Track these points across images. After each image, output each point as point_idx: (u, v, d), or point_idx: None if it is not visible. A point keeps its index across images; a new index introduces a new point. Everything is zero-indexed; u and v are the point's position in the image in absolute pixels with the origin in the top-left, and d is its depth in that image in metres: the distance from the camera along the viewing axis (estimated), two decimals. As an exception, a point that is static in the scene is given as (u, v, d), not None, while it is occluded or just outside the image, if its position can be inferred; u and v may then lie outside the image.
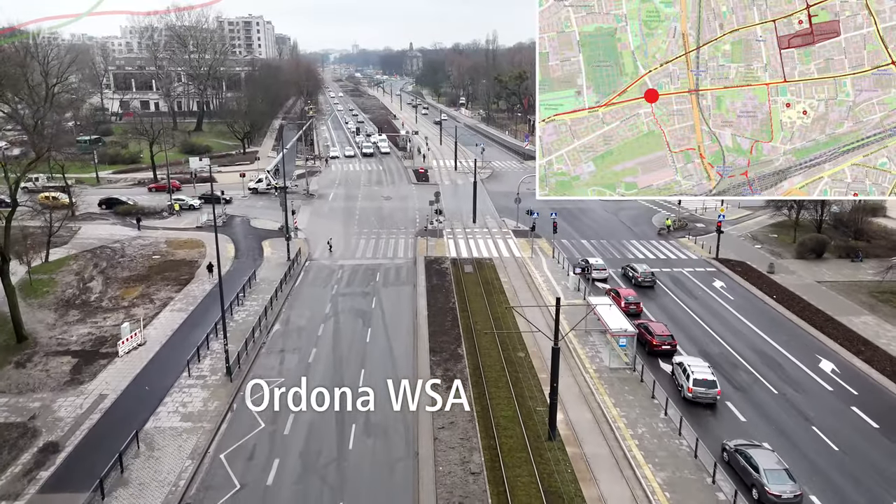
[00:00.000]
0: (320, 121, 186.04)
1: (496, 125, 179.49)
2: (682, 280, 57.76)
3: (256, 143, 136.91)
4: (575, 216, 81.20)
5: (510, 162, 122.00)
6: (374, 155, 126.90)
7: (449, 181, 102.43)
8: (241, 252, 65.17)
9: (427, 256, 63.28)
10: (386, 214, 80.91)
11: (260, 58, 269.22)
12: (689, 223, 76.61)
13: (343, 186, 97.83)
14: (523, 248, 66.24)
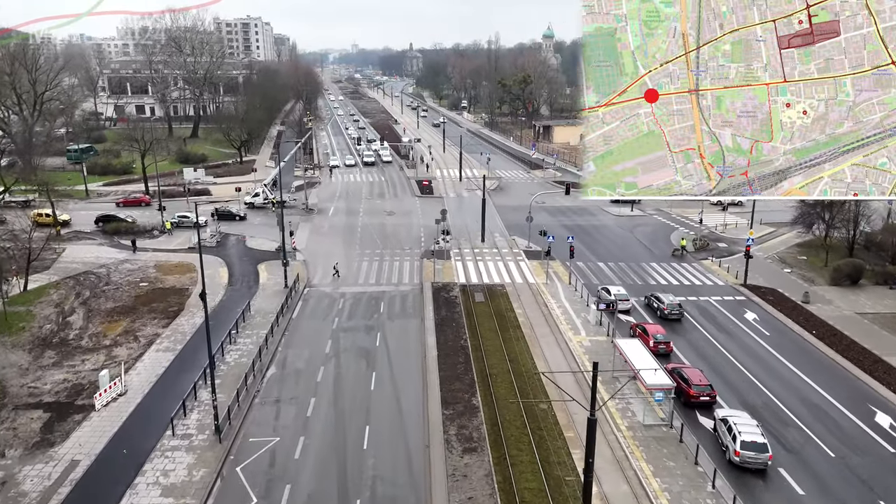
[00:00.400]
0: (319, 126, 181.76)
1: (500, 130, 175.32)
2: (711, 311, 53.53)
3: (254, 152, 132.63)
4: (588, 233, 76.99)
5: (517, 171, 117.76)
6: (376, 164, 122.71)
7: (454, 193, 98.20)
8: (235, 278, 60.90)
9: (434, 283, 59.04)
10: (390, 232, 76.67)
11: (258, 60, 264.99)
12: (710, 242, 72.38)
13: (344, 200, 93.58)
14: (537, 273, 61.99)
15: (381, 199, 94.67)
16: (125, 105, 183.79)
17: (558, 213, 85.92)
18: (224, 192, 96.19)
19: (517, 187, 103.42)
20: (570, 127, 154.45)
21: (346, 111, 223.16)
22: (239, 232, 76.06)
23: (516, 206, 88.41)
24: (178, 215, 77.50)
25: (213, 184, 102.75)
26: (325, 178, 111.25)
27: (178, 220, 76.62)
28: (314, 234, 76.06)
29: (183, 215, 77.37)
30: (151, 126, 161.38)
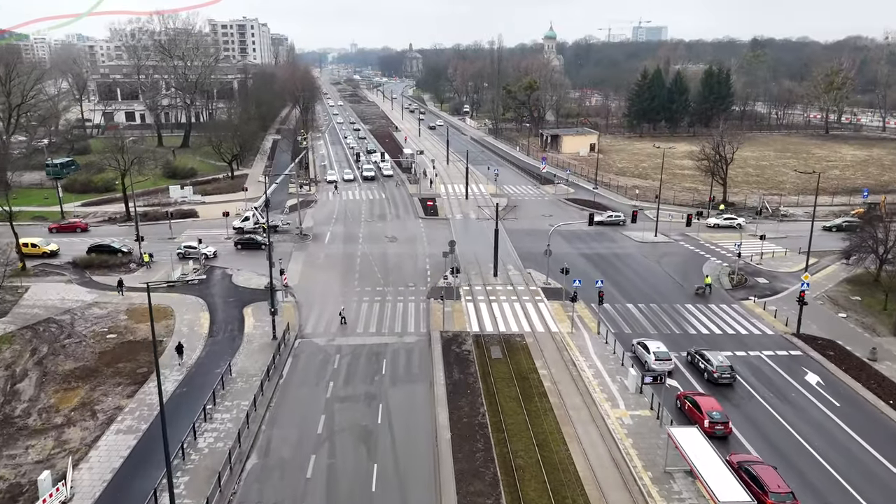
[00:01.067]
0: (317, 135, 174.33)
1: (504, 138, 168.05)
2: (765, 371, 46.30)
3: (247, 164, 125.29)
4: (611, 264, 69.75)
5: (526, 187, 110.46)
6: (376, 178, 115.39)
7: (461, 215, 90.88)
8: (217, 326, 53.62)
9: (444, 332, 51.80)
10: (392, 264, 69.40)
11: (254, 63, 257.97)
12: (748, 277, 65.10)
13: (341, 222, 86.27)
14: (559, 318, 54.74)
15: (383, 221, 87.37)
16: (114, 112, 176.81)
17: (575, 239, 78.68)
18: (213, 212, 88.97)
19: (528, 206, 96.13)
20: (579, 136, 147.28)
21: (345, 118, 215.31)
22: (226, 264, 68.74)
23: (529, 231, 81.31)
24: (184, 246, 70.40)
25: (202, 203, 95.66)
26: (322, 194, 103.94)
27: (185, 252, 69.63)
28: (308, 266, 68.75)
29: (190, 246, 70.17)
30: (141, 136, 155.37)
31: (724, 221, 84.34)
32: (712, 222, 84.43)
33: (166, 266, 66.22)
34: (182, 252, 69.65)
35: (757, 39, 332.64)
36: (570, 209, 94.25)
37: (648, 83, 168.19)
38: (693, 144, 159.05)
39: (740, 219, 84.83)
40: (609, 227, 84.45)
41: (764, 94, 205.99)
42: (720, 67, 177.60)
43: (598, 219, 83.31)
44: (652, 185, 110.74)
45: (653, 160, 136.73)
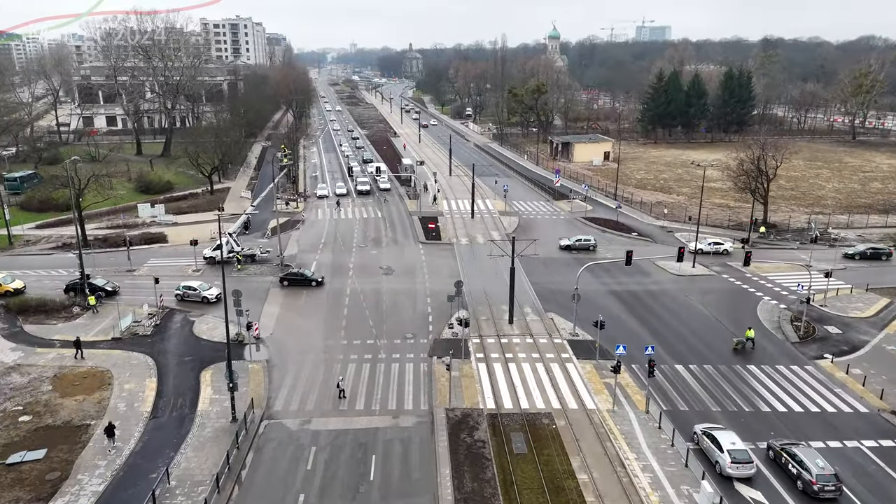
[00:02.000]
0: (311, 141, 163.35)
1: (510, 145, 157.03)
2: (873, 473, 35.29)
3: (230, 176, 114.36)
4: (645, 305, 58.75)
5: (537, 202, 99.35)
6: (371, 193, 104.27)
7: (466, 238, 79.75)
8: (164, 398, 42.63)
9: (450, 411, 40.80)
10: (387, 305, 58.37)
11: (246, 63, 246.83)
12: (815, 325, 54.03)
13: (330, 249, 75.15)
14: (595, 387, 43.75)
15: (377, 247, 76.29)
16: (94, 116, 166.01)
17: (601, 271, 67.62)
18: (185, 235, 78.08)
19: (542, 227, 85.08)
20: (592, 144, 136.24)
21: (341, 122, 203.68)
22: (189, 306, 57.67)
23: (546, 260, 70.31)
24: (183, 287, 59.01)
25: (173, 224, 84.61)
26: (311, 212, 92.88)
27: (184, 293, 58.53)
28: (287, 309, 57.67)
29: (190, 287, 58.90)
30: (120, 143, 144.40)
31: (709, 247, 73.57)
32: (694, 248, 73.86)
33: (120, 309, 55.14)
34: (181, 293, 58.36)
35: (768, 39, 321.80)
36: (590, 230, 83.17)
37: (664, 86, 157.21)
38: (713, 152, 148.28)
39: (727, 243, 74.20)
40: (581, 252, 73.65)
41: (783, 97, 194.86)
42: (740, 69, 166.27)
43: (566, 243, 74.42)
44: (678, 202, 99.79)
45: (673, 170, 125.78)
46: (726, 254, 73.00)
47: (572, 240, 75.30)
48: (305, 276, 63.34)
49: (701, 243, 74.00)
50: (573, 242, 74.80)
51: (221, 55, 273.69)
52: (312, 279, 62.72)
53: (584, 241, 75.22)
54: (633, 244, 77.30)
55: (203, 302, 57.73)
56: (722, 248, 73.67)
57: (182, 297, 58.35)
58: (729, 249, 73.55)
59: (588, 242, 75.19)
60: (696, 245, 73.33)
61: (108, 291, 59.13)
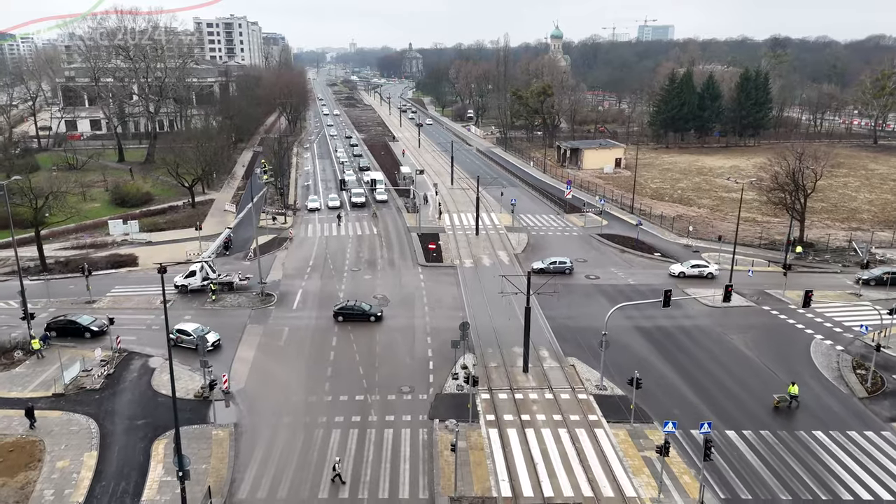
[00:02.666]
0: (304, 148, 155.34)
1: (515, 150, 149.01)
2: None
3: (216, 186, 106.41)
4: (681, 345, 50.75)
5: (547, 217, 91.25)
6: (367, 205, 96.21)
7: (471, 260, 71.67)
8: (105, 477, 34.75)
9: (456, 502, 32.81)
10: (381, 347, 50.40)
11: (240, 64, 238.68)
12: (884, 375, 46.01)
13: (318, 274, 67.08)
14: (632, 464, 35.79)
15: (372, 270, 68.25)
16: (76, 119, 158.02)
17: (622, 298, 59.64)
18: (159, 256, 70.39)
19: (553, 245, 77.11)
20: (602, 150, 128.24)
21: (338, 125, 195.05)
22: (155, 348, 49.72)
23: (560, 285, 62.17)
24: (176, 330, 49.01)
25: (147, 244, 76.65)
26: (301, 228, 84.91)
27: (177, 338, 48.65)
28: (264, 352, 49.71)
29: (183, 331, 49.41)
30: (102, 148, 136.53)
31: (690, 270, 65.98)
32: (676, 271, 66.21)
33: (71, 353, 47.14)
34: (174, 338, 47.93)
35: (777, 38, 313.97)
36: (608, 251, 75.26)
37: (677, 88, 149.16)
38: (729, 157, 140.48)
39: (713, 266, 66.46)
40: (556, 275, 65.03)
41: (799, 99, 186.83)
42: (757, 70, 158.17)
43: (539, 266, 65.99)
44: (700, 216, 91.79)
45: (689, 178, 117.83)
46: (711, 278, 65.16)
47: (546, 262, 67.00)
48: (363, 310, 54.77)
49: (683, 265, 66.40)
50: (547, 265, 66.36)
51: (215, 55, 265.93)
52: (371, 313, 54.47)
53: (559, 264, 66.72)
54: (657, 267, 69.42)
55: (196, 349, 46.23)
56: (706, 272, 65.83)
57: (175, 342, 48.18)
58: (714, 273, 65.77)
59: (564, 265, 66.75)
60: (679, 268, 66.53)
61: (95, 332, 50.95)
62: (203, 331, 49.21)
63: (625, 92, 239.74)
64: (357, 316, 54.46)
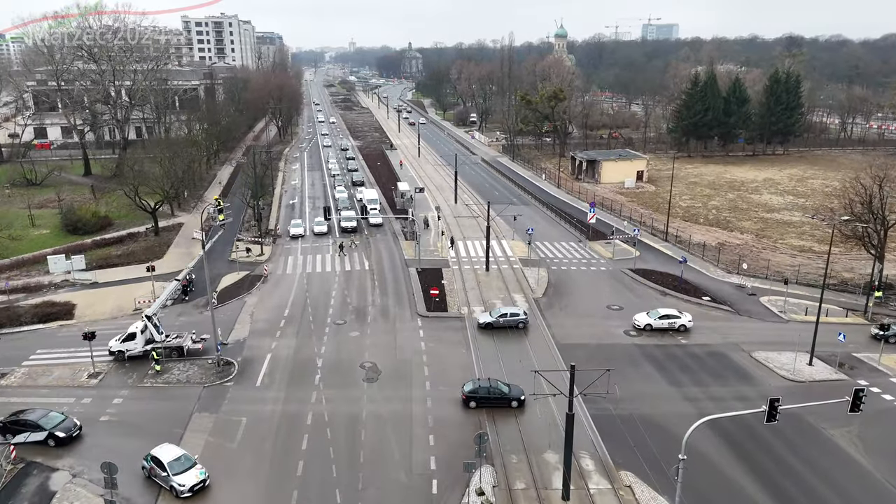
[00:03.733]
0: (293, 157, 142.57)
1: (522, 159, 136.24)
2: None
3: (188, 206, 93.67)
4: (758, 438, 38.05)
5: (567, 245, 78.40)
6: (357, 230, 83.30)
7: (481, 307, 58.64)
8: None
9: None
10: (367, 448, 37.70)
11: (228, 65, 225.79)
12: None
13: (293, 330, 54.16)
14: None
15: (361, 323, 55.36)
16: (46, 126, 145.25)
17: (675, 366, 46.97)
18: (102, 305, 58.11)
19: (580, 284, 64.36)
20: (623, 162, 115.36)
21: (333, 132, 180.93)
22: (69, 454, 37.03)
23: (596, 348, 49.66)
24: (150, 457, 34.56)
25: (91, 285, 63.90)
26: (280, 261, 72.16)
27: (150, 468, 34.40)
28: (213, 456, 36.85)
29: (157, 459, 34.19)
30: (70, 160, 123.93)
31: (658, 322, 53.46)
32: (642, 322, 53.86)
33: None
34: (146, 467, 34.42)
35: (792, 37, 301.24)
36: (646, 293, 62.52)
37: (700, 91, 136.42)
38: (759, 168, 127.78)
39: (685, 318, 53.89)
40: (509, 329, 52.91)
41: (826, 103, 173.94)
42: (788, 71, 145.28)
43: (486, 320, 53.75)
44: (745, 243, 79.01)
45: (721, 194, 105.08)
46: (683, 331, 52.81)
47: (495, 314, 54.02)
48: (501, 392, 41.97)
49: (650, 316, 53.88)
50: (496, 319, 53.48)
51: (205, 56, 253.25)
52: (511, 397, 41.84)
53: (511, 317, 53.56)
54: (709, 316, 56.67)
55: (173, 494, 33.42)
56: (678, 324, 53.33)
57: (148, 473, 34.49)
58: (686, 325, 53.33)
59: (516, 318, 53.61)
60: (645, 318, 54.02)
61: (60, 439, 37.71)
62: (186, 464, 34.59)
63: (636, 94, 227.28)
64: (494, 400, 41.69)
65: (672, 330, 53.25)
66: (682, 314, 54.38)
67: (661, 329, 53.27)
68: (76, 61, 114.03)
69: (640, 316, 54.62)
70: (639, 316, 54.66)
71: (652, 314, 54.28)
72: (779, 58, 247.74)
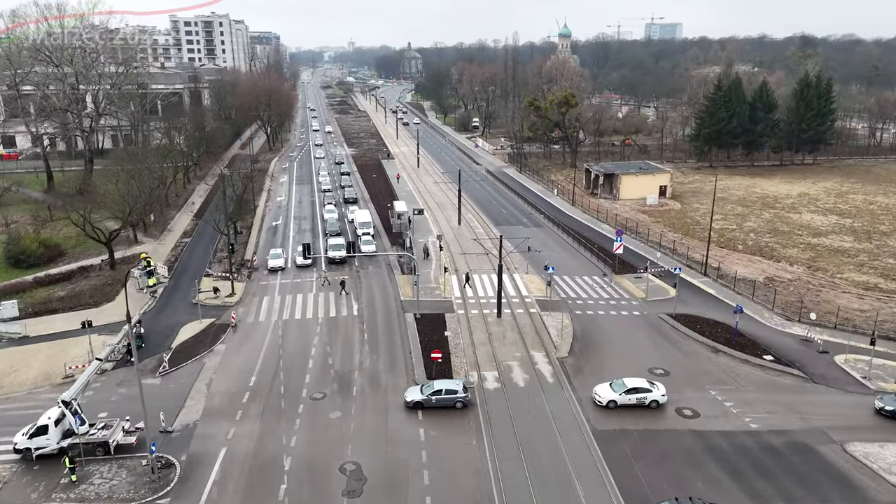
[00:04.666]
0: (282, 167, 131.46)
1: (531, 171, 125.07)
2: None
3: (154, 230, 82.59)
4: None
5: (590, 280, 67.18)
6: (346, 263, 71.94)
7: (494, 376, 47.39)
8: None
9: None
10: None
11: (218, 67, 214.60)
12: None
13: (258, 410, 42.90)
14: None
15: (344, 399, 44.11)
16: (15, 135, 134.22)
17: (747, 465, 35.95)
18: (29, 369, 47.26)
19: (612, 336, 53.17)
20: (644, 176, 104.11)
21: (328, 141, 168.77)
22: None
23: (641, 436, 38.54)
24: None
25: (21, 340, 52.79)
26: (253, 305, 61.00)
27: None
28: None
29: None
30: (35, 173, 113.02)
31: (625, 398, 42.43)
32: (604, 397, 42.76)
33: None
34: None
35: (806, 37, 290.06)
36: (694, 350, 51.37)
37: (724, 96, 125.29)
38: (789, 180, 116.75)
39: (658, 391, 42.82)
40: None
41: (854, 107, 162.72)
42: (818, 74, 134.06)
43: (415, 397, 44.34)
44: (796, 277, 67.78)
45: (756, 213, 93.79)
46: (655, 407, 42.11)
47: (426, 392, 42.56)
48: None
49: (614, 389, 42.91)
50: (427, 397, 42.21)
51: (194, 57, 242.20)
52: None
53: (446, 395, 42.19)
54: (777, 386, 45.52)
55: None
56: (649, 400, 42.38)
57: None
58: (659, 400, 42.51)
59: (454, 396, 42.16)
60: (608, 393, 43.05)
61: None
62: None
63: (645, 96, 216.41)
64: None
65: (642, 407, 42.20)
66: (654, 386, 43.14)
67: (629, 406, 42.19)
68: (37, 65, 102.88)
69: (601, 389, 43.47)
70: (600, 388, 43.52)
71: (616, 386, 43.12)
72: (793, 58, 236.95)
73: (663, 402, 42.74)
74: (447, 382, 43.61)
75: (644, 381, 43.77)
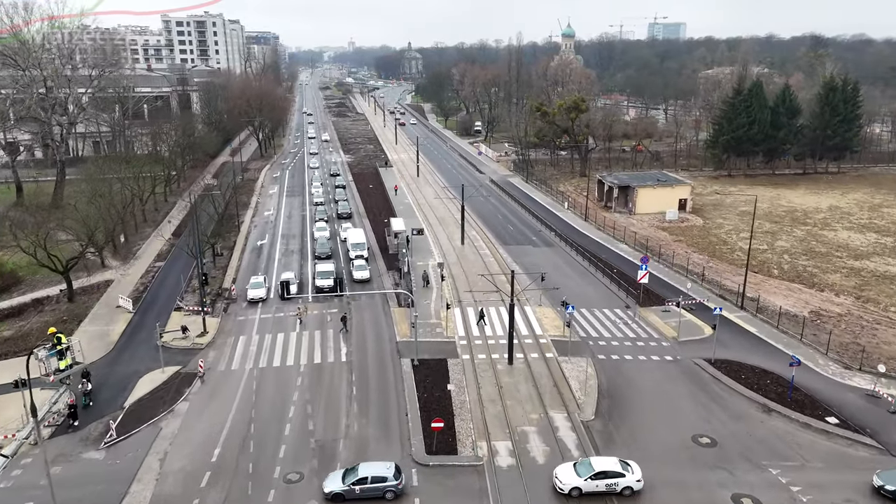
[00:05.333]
0: (273, 177, 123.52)
1: (537, 181, 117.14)
2: None
3: (124, 253, 74.59)
4: None
5: (613, 314, 59.14)
6: (336, 289, 63.85)
7: (506, 447, 39.45)
8: None
9: None
10: None
11: (210, 69, 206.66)
12: None
13: (219, 497, 35.08)
14: None
15: (324, 478, 36.27)
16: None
17: None
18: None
19: (645, 397, 45.05)
20: (661, 188, 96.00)
21: (323, 149, 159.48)
22: None
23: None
24: None
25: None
26: (226, 344, 53.05)
27: None
28: None
29: None
30: (6, 183, 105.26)
31: (590, 484, 34.36)
32: (566, 484, 34.62)
33: None
34: None
35: (817, 37, 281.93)
36: (743, 410, 43.33)
37: (744, 101, 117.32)
38: (814, 190, 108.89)
39: (633, 475, 34.69)
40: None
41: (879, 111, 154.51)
42: (844, 78, 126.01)
43: (334, 488, 35.81)
44: (845, 308, 59.75)
45: (787, 230, 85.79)
46: (629, 495, 34.32)
47: (346, 482, 34.35)
48: None
49: (578, 473, 34.92)
50: (348, 487, 34.06)
51: (186, 58, 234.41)
52: None
53: (372, 484, 34.12)
54: (845, 456, 37.56)
55: None
56: (621, 486, 34.39)
57: None
58: (634, 487, 34.47)
59: (382, 486, 34.11)
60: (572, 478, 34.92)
61: None
62: None
63: (652, 98, 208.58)
64: None
65: (612, 494, 34.27)
66: (627, 469, 35.05)
67: (594, 493, 34.22)
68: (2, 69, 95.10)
69: (562, 471, 35.38)
70: (561, 470, 35.45)
71: (581, 469, 35.06)
72: (804, 58, 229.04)
73: (638, 488, 34.61)
74: (374, 467, 35.12)
75: (616, 463, 35.43)
